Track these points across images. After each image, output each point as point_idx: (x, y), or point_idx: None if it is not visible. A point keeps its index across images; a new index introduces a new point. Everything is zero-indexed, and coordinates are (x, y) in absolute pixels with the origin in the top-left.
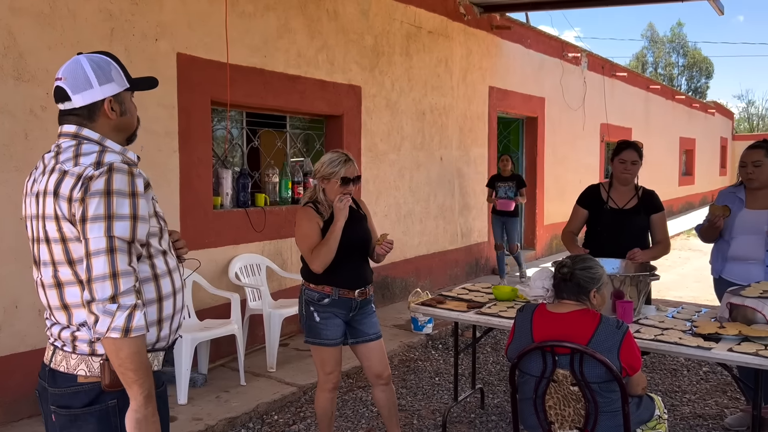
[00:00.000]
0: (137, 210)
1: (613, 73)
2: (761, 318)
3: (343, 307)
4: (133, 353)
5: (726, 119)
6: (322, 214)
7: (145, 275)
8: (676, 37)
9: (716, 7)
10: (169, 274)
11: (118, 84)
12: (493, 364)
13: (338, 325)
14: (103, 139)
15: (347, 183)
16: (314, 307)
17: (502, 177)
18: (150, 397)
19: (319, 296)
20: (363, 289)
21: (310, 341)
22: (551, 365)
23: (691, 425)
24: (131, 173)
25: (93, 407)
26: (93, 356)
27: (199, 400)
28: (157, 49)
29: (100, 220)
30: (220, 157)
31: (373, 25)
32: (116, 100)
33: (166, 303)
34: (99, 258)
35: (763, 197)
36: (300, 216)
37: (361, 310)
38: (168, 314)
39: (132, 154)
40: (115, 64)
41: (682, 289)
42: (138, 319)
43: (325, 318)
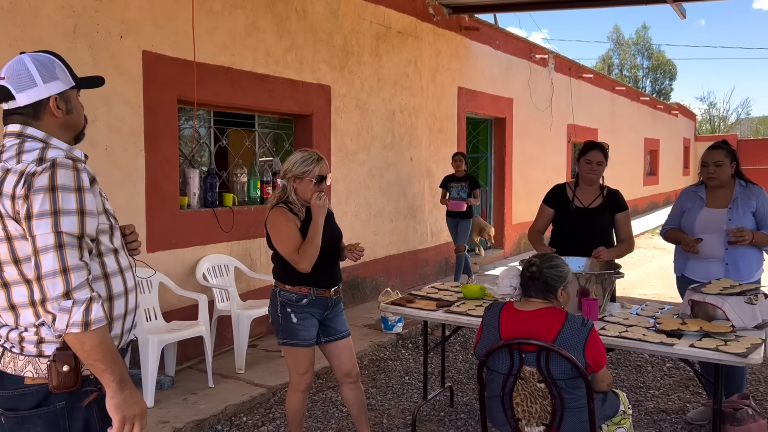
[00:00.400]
0: (84, 204)
1: (580, 74)
2: (721, 314)
3: (320, 306)
4: (98, 344)
5: (689, 120)
6: (296, 214)
7: (95, 273)
8: (641, 39)
9: (678, 11)
10: (121, 273)
11: (63, 82)
12: (463, 362)
13: (314, 325)
14: (48, 137)
15: (322, 181)
16: (291, 309)
17: (456, 177)
18: (123, 382)
19: (297, 297)
20: (337, 287)
21: (286, 343)
22: (518, 362)
23: (654, 420)
24: (76, 168)
25: (40, 409)
26: (40, 357)
27: (166, 402)
28: (122, 46)
29: (46, 217)
30: (187, 156)
31: (342, 25)
32: (62, 98)
33: (117, 302)
34: (47, 254)
35: (723, 196)
36: (276, 217)
37: (334, 309)
38: (119, 313)
39: (79, 152)
40: (59, 63)
41: (647, 287)
42: (96, 311)
43: (302, 319)
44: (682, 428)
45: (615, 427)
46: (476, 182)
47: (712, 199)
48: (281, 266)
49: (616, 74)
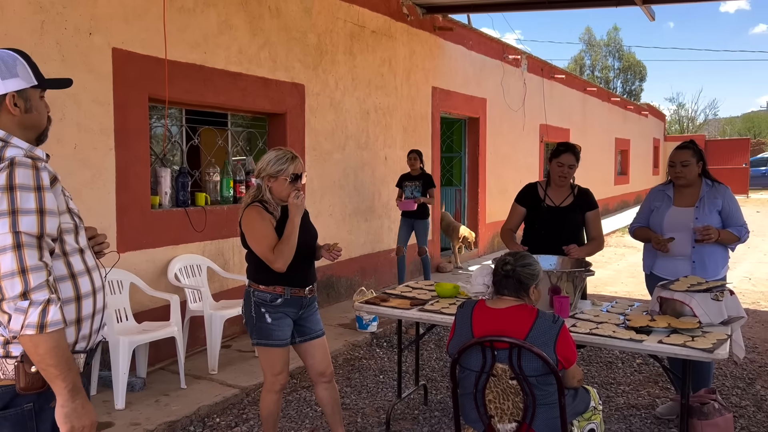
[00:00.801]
0: (44, 204)
1: (552, 75)
2: (689, 311)
3: (295, 305)
4: (52, 348)
5: (658, 121)
6: (271, 213)
7: (60, 274)
8: (612, 41)
9: (648, 13)
10: (88, 272)
11: (23, 80)
12: (437, 360)
13: (288, 325)
14: (9, 136)
15: (297, 179)
16: (266, 309)
17: (411, 176)
18: (75, 390)
19: (271, 297)
20: (312, 286)
21: (260, 343)
22: (490, 360)
23: (625, 415)
24: (35, 167)
25: (8, 411)
26: (7, 358)
27: (137, 404)
28: (91, 43)
29: (3, 216)
30: (158, 155)
31: (316, 24)
32: (20, 96)
33: (85, 302)
34: (5, 255)
35: (690, 195)
36: (251, 216)
37: (308, 308)
38: (87, 314)
39: (40, 152)
40: (22, 61)
41: (617, 285)
42: (53, 314)
43: (277, 318)
44: (651, 423)
45: (586, 423)
46: (430, 181)
47: (680, 198)
48: (255, 266)
49: (588, 75)
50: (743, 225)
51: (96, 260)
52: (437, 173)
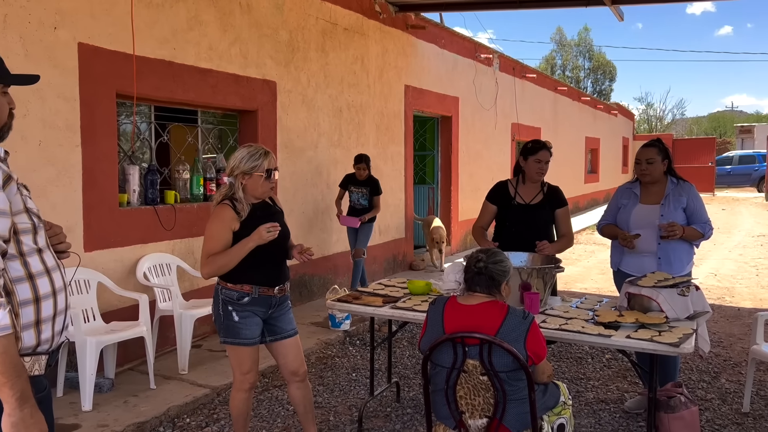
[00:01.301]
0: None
1: (524, 74)
2: (656, 306)
3: (263, 305)
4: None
5: (628, 120)
6: (239, 213)
7: (18, 275)
8: (583, 41)
9: (617, 13)
10: (47, 273)
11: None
12: (409, 357)
13: (257, 323)
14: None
15: (270, 175)
16: (233, 307)
17: (358, 181)
18: (24, 399)
19: (238, 295)
20: (282, 286)
21: (228, 341)
22: (462, 356)
23: (594, 410)
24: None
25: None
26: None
27: (105, 405)
28: (57, 38)
29: None
30: (126, 152)
31: (287, 20)
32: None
33: (45, 304)
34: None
35: (656, 193)
36: (215, 214)
37: (279, 307)
38: (48, 315)
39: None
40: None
41: (587, 281)
42: (1, 318)
43: (244, 317)
44: (620, 417)
45: (555, 418)
46: (377, 188)
47: (646, 195)
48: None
49: (559, 75)
50: (707, 222)
51: (57, 260)
52: (410, 171)
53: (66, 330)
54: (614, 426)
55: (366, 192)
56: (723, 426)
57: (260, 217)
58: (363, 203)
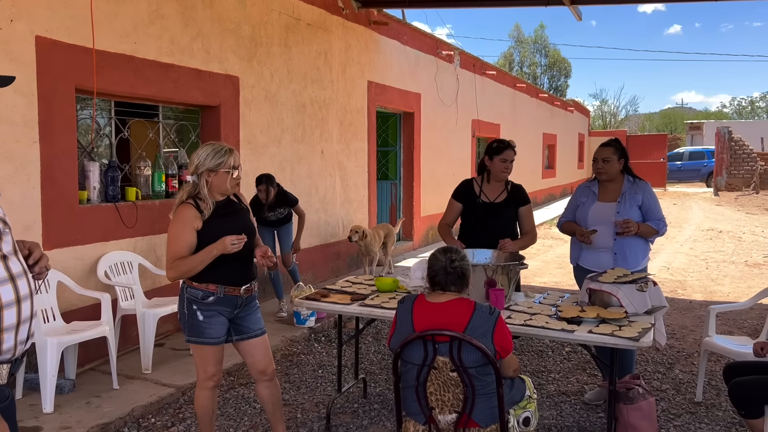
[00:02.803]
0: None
1: (484, 71)
2: (616, 301)
3: (228, 304)
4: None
5: (583, 117)
6: (202, 211)
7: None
8: (539, 38)
9: (575, 13)
10: (11, 280)
11: None
12: (375, 353)
13: (222, 323)
14: None
15: (233, 170)
16: (197, 306)
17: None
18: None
19: (203, 294)
20: (249, 285)
21: (192, 340)
22: (432, 353)
23: (556, 402)
24: None
25: None
26: None
27: (67, 407)
28: (13, 31)
29: None
30: (86, 148)
31: (250, 15)
32: None
33: (8, 312)
34: None
35: (613, 191)
36: (177, 215)
37: (246, 307)
38: (11, 324)
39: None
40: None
41: (546, 275)
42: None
43: (208, 317)
44: (580, 409)
45: (521, 411)
46: (290, 199)
47: (603, 193)
48: None
49: (517, 71)
50: (661, 219)
51: (24, 266)
52: (373, 167)
53: (31, 338)
54: (575, 417)
55: (283, 211)
56: (677, 415)
57: (223, 215)
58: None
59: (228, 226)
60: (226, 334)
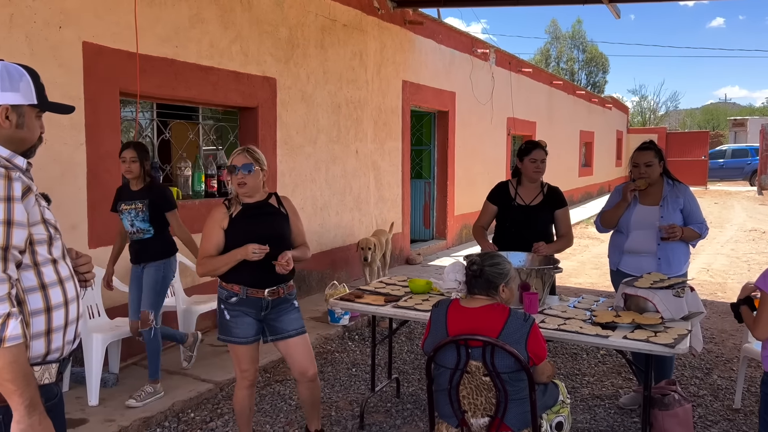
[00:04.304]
0: (12, 215)
1: (519, 68)
2: (651, 307)
3: (253, 306)
4: (9, 363)
5: (622, 113)
6: (230, 209)
7: (30, 284)
8: (577, 34)
9: (614, 11)
10: (60, 283)
11: (23, 96)
12: (408, 353)
13: (249, 323)
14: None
15: (233, 171)
16: (224, 305)
17: (130, 191)
18: (33, 407)
19: (227, 294)
20: (274, 288)
21: (222, 339)
22: (465, 357)
23: (589, 405)
24: (8, 177)
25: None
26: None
27: (111, 400)
28: (62, 37)
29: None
30: None
31: (287, 17)
32: (14, 111)
33: (56, 313)
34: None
35: (653, 194)
36: (209, 214)
37: (276, 309)
38: (59, 325)
39: (20, 160)
40: (28, 78)
41: (582, 276)
42: (12, 328)
43: (234, 316)
44: (614, 413)
45: (554, 416)
46: (165, 198)
47: (644, 196)
48: None
49: (554, 67)
50: (703, 222)
51: (71, 270)
52: (407, 166)
53: (77, 339)
54: (609, 422)
55: (144, 207)
56: (715, 422)
57: (251, 216)
58: (142, 227)
59: (251, 229)
60: (257, 334)
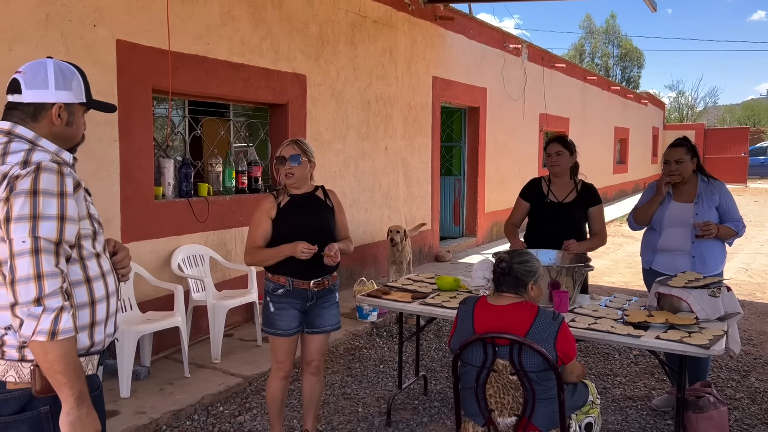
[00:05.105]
0: (65, 210)
1: (552, 64)
2: (686, 307)
3: (299, 297)
4: (62, 356)
5: (658, 109)
6: (278, 199)
7: (76, 278)
8: (611, 28)
9: (650, 4)
10: (103, 277)
11: (74, 95)
12: (436, 350)
13: (293, 316)
14: (38, 138)
15: (282, 162)
16: (270, 297)
17: None
18: (81, 398)
19: (274, 287)
20: (320, 279)
21: (265, 330)
22: (491, 356)
23: (621, 407)
24: (60, 173)
25: (24, 414)
26: (23, 362)
27: (142, 393)
28: (96, 35)
29: (24, 221)
30: (161, 146)
31: (317, 14)
32: (66, 109)
33: (99, 306)
34: (23, 259)
35: (687, 191)
36: (257, 204)
37: (319, 301)
38: (101, 318)
39: (67, 155)
40: (79, 77)
41: (615, 275)
42: (65, 321)
43: (279, 308)
44: (647, 415)
45: (584, 417)
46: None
47: (678, 194)
48: None
49: (588, 63)
50: (740, 220)
51: (110, 263)
52: (437, 163)
53: (116, 331)
54: (641, 424)
55: None
56: (752, 426)
57: (298, 207)
58: None
59: (298, 220)
60: (299, 326)
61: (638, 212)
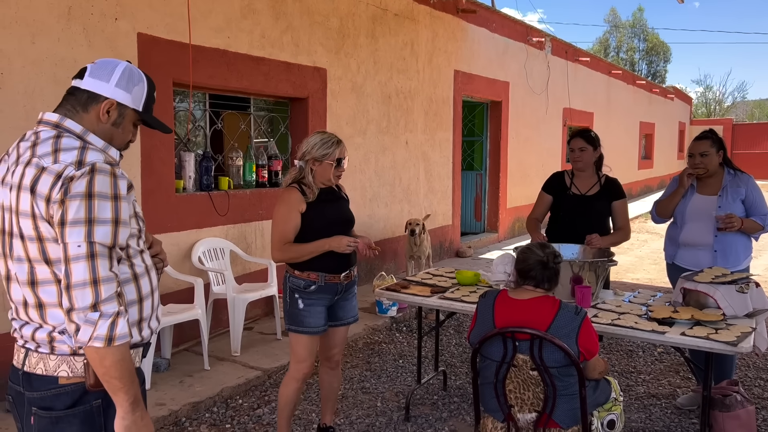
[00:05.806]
0: (119, 214)
1: (576, 58)
2: (712, 303)
3: (329, 291)
4: (118, 361)
5: (685, 104)
6: (307, 196)
7: (125, 276)
8: (637, 22)
9: None
10: (147, 273)
11: (132, 100)
12: (456, 346)
13: (321, 312)
14: (86, 132)
15: (340, 164)
16: (299, 294)
17: None
18: (136, 403)
19: (305, 284)
20: (348, 272)
21: (291, 329)
22: (512, 350)
23: (645, 404)
24: (114, 174)
25: (77, 408)
26: (75, 356)
27: (162, 384)
28: (117, 28)
29: (80, 225)
30: (182, 139)
31: (338, 7)
32: (117, 109)
33: (146, 303)
34: (79, 264)
35: (712, 184)
36: (282, 199)
37: (345, 293)
38: (148, 314)
39: (115, 152)
40: (145, 86)
41: (639, 271)
42: (121, 327)
43: (309, 305)
44: (671, 413)
45: (606, 414)
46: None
47: (702, 186)
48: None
49: (613, 57)
50: (767, 214)
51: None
52: (458, 158)
53: (159, 326)
54: (665, 422)
55: None
56: None
57: (325, 200)
58: None
59: (329, 213)
60: (326, 323)
61: (660, 204)
